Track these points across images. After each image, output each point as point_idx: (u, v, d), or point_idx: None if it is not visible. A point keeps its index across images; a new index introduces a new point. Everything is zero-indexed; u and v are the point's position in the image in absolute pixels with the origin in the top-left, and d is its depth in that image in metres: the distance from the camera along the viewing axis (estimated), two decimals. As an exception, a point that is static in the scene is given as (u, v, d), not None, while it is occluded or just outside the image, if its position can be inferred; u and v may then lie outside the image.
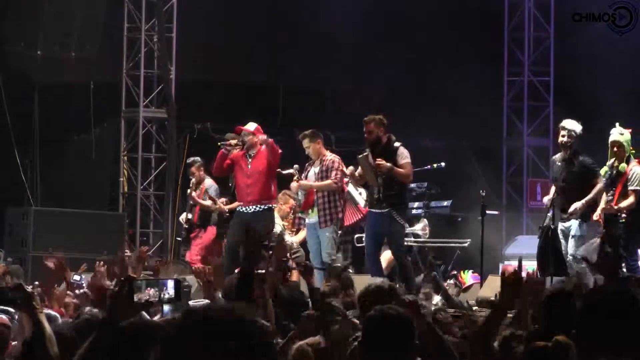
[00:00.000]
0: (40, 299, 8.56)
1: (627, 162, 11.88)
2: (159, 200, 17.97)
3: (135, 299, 4.69)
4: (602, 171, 12.03)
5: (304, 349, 6.27)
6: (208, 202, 15.14)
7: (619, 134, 11.92)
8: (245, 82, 18.62)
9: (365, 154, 11.98)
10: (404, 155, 11.89)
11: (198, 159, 15.50)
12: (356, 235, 13.94)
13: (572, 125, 12.15)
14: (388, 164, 11.72)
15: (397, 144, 11.98)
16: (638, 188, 11.74)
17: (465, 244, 15.05)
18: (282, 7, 18.19)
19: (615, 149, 11.98)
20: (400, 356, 5.03)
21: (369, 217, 12.45)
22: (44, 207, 16.63)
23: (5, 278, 11.01)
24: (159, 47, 18.00)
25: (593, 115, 14.31)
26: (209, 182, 15.29)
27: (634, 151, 12.03)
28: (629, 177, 11.80)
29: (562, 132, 12.11)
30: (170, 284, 4.91)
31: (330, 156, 12.77)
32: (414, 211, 15.15)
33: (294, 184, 13.59)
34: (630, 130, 11.98)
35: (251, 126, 12.79)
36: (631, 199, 11.76)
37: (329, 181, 12.54)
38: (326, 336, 6.56)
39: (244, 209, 12.57)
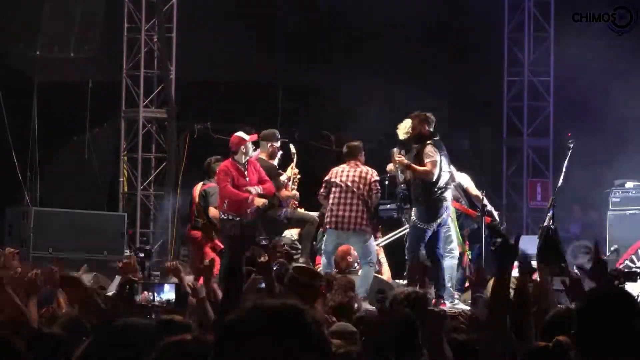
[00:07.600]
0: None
1: None
2: (159, 200, 17.96)
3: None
4: None
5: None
6: None
7: None
8: (245, 82, 18.60)
9: (395, 148, 11.99)
10: (428, 155, 11.78)
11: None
12: None
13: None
14: (405, 161, 11.70)
15: (429, 142, 11.89)
16: None
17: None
18: (283, 6, 18.17)
19: None
20: (403, 356, 5.01)
21: None
22: (43, 207, 16.61)
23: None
24: (159, 47, 18.00)
25: (593, 116, 14.30)
26: None
27: None
28: None
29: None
30: (168, 287, 4.77)
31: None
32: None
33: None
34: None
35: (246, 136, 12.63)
36: None
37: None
38: None
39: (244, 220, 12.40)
